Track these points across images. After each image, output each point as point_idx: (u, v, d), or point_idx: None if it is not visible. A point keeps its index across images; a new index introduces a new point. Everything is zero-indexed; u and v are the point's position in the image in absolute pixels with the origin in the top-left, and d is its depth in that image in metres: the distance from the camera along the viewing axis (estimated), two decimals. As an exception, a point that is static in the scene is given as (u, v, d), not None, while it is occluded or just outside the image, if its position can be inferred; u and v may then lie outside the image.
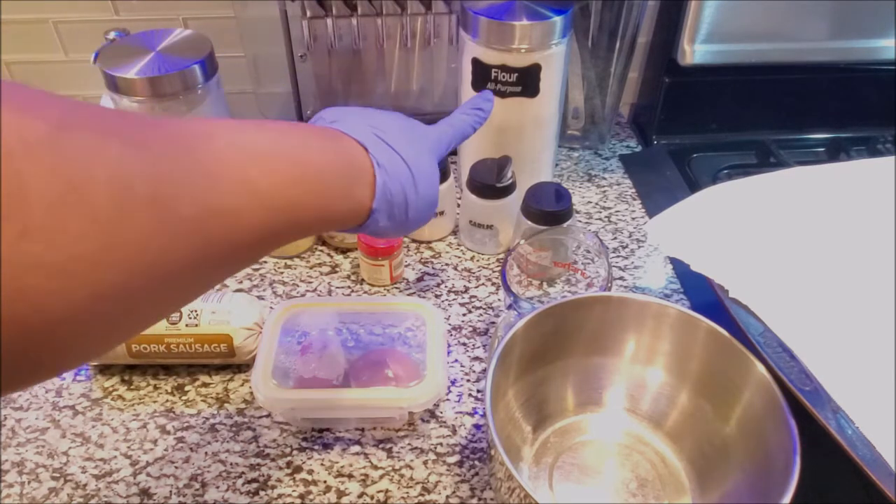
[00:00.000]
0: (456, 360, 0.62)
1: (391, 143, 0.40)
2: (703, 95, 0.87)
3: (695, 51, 0.81)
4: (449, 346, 0.63)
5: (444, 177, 0.70)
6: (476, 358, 0.62)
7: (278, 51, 0.76)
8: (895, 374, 0.45)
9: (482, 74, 0.67)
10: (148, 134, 0.26)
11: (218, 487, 0.52)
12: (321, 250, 0.73)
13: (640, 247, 0.74)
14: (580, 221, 0.77)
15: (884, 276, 0.51)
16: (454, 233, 0.75)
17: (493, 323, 0.65)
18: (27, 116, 0.21)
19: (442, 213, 0.72)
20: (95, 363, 0.60)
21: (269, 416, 0.57)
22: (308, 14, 0.74)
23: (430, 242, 0.74)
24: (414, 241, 0.74)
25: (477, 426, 0.57)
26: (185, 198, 0.26)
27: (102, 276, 0.23)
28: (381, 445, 0.55)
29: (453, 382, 0.60)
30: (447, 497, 0.52)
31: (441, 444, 0.55)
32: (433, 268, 0.71)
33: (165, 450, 0.55)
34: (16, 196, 0.20)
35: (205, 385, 0.60)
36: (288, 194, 0.33)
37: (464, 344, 0.63)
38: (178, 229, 0.26)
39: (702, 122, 0.89)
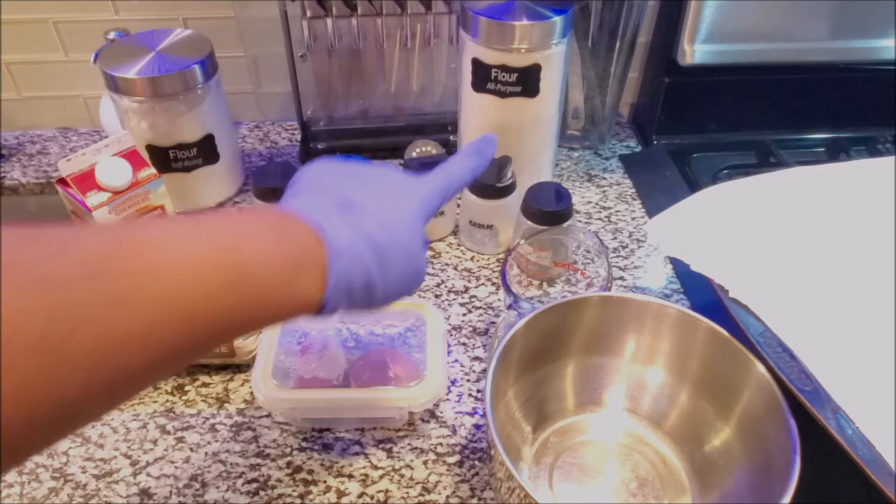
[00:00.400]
0: (456, 360, 0.62)
1: (361, 218, 0.36)
2: (702, 95, 0.87)
3: (695, 51, 0.81)
4: (449, 346, 0.63)
5: None
6: (476, 358, 0.62)
7: (278, 51, 0.76)
8: (895, 374, 0.45)
9: (482, 74, 0.67)
10: (55, 262, 0.26)
11: (218, 487, 0.52)
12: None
13: (640, 247, 0.74)
14: (580, 221, 0.77)
15: (884, 276, 0.51)
16: (454, 233, 0.75)
17: (493, 323, 0.65)
18: None
19: (442, 213, 0.72)
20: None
21: (269, 416, 0.57)
22: (308, 14, 0.74)
23: (430, 242, 0.74)
24: (414, 241, 0.74)
25: (477, 426, 0.57)
26: (84, 330, 0.25)
27: None
28: (381, 445, 0.55)
29: (453, 382, 0.60)
30: (447, 497, 0.52)
31: (441, 444, 0.55)
32: (433, 268, 0.71)
33: (165, 450, 0.55)
34: None
35: (205, 385, 0.60)
36: (214, 304, 0.30)
37: (464, 344, 0.63)
38: (70, 365, 0.25)
39: (701, 122, 0.89)
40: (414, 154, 0.70)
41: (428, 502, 0.52)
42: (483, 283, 0.69)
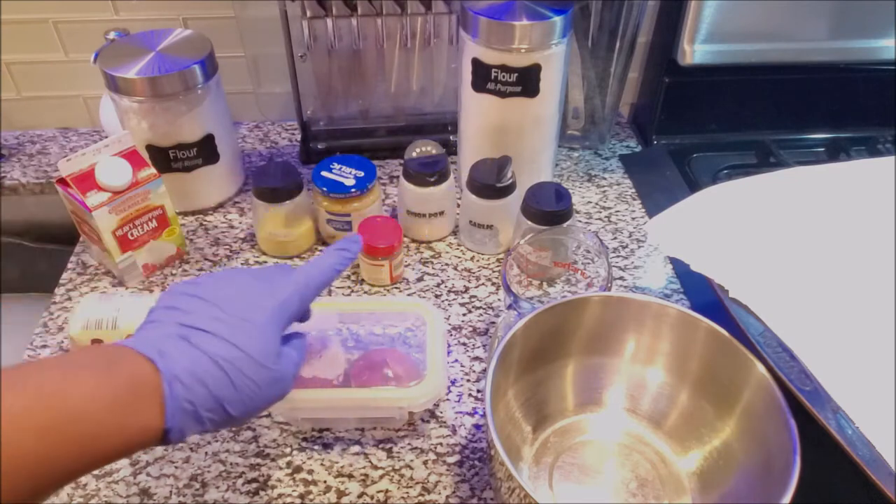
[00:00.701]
0: (456, 360, 0.62)
1: (206, 342, 0.37)
2: (702, 95, 0.87)
3: (695, 51, 0.81)
4: (449, 346, 0.63)
5: (443, 178, 0.70)
6: (476, 358, 0.62)
7: (278, 51, 0.76)
8: (895, 374, 0.45)
9: (482, 74, 0.67)
10: None
11: (218, 487, 0.52)
12: (321, 251, 0.73)
13: (640, 247, 0.74)
14: (580, 221, 0.77)
15: (884, 276, 0.51)
16: (454, 233, 0.75)
17: (493, 323, 0.65)
18: None
19: (442, 213, 0.72)
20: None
21: (269, 416, 0.57)
22: (308, 14, 0.74)
23: (430, 242, 0.74)
24: (414, 241, 0.74)
25: (477, 426, 0.57)
26: None
27: None
28: (381, 445, 0.55)
29: (453, 382, 0.60)
30: (447, 497, 0.52)
31: (441, 444, 0.55)
32: (433, 268, 0.71)
33: (165, 450, 0.55)
34: None
35: (205, 385, 0.60)
36: (34, 450, 0.31)
37: (464, 344, 0.63)
38: None
39: (701, 122, 0.89)
40: (414, 154, 0.70)
41: (428, 502, 0.52)
42: (483, 283, 0.69)
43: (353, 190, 0.68)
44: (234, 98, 0.80)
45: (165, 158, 0.70)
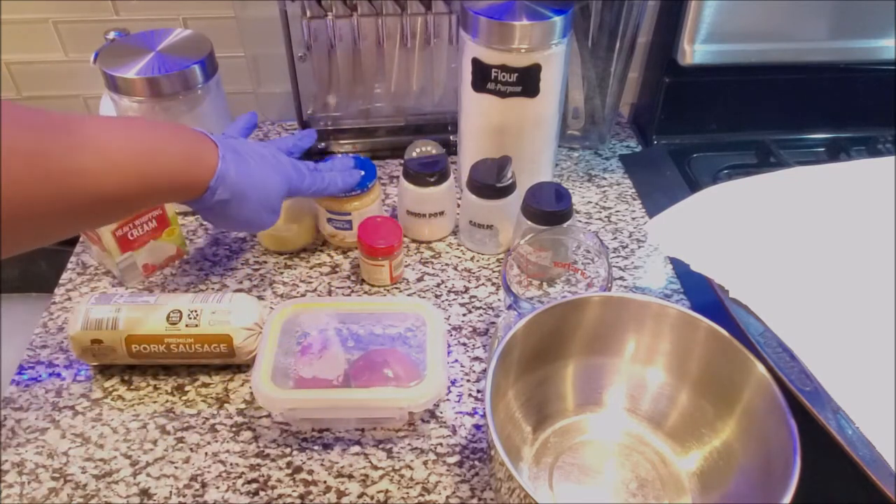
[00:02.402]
0: (456, 360, 0.62)
1: (245, 161, 0.54)
2: (703, 95, 0.87)
3: (695, 51, 0.81)
4: (449, 346, 0.63)
5: (443, 178, 0.70)
6: (476, 358, 0.62)
7: (278, 51, 0.76)
8: (895, 374, 0.45)
9: (482, 74, 0.67)
10: (38, 120, 0.40)
11: (218, 488, 0.52)
12: (321, 250, 0.73)
13: (640, 247, 0.74)
14: (580, 221, 0.77)
15: (884, 276, 0.51)
16: (454, 233, 0.75)
17: (493, 323, 0.65)
18: None
19: (442, 213, 0.72)
20: (95, 363, 0.60)
21: (269, 416, 0.57)
22: (308, 14, 0.74)
23: (430, 242, 0.74)
24: (414, 241, 0.74)
25: (477, 426, 0.57)
26: (53, 158, 0.40)
27: None
28: (381, 446, 0.55)
29: (453, 382, 0.60)
30: (447, 497, 0.52)
31: (441, 444, 0.55)
32: (433, 268, 0.71)
33: (165, 450, 0.55)
34: None
35: (205, 385, 0.60)
36: (138, 162, 0.45)
37: (464, 344, 0.63)
38: (44, 179, 0.39)
39: (702, 122, 0.89)
40: (414, 154, 0.70)
41: (428, 502, 0.52)
42: (483, 284, 0.69)
43: (353, 189, 0.68)
44: (234, 98, 0.80)
45: (165, 158, 0.70)
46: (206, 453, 0.55)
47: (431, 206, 0.71)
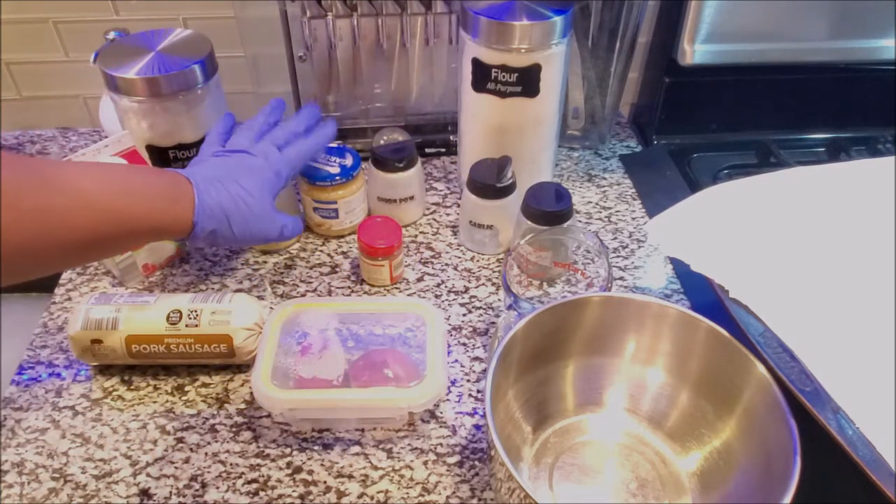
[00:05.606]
0: (456, 360, 0.62)
1: (226, 185, 0.55)
2: (703, 95, 0.87)
3: (695, 51, 0.81)
4: (449, 346, 0.63)
5: (410, 164, 0.71)
6: (476, 358, 0.62)
7: (278, 51, 0.76)
8: (895, 374, 0.45)
9: (482, 74, 0.67)
10: (13, 160, 0.41)
11: (218, 488, 0.52)
12: (321, 251, 0.73)
13: (640, 247, 0.74)
14: (580, 221, 0.77)
15: (884, 276, 0.51)
16: (454, 233, 0.75)
17: (493, 323, 0.65)
18: None
19: (412, 197, 0.74)
20: (95, 363, 0.60)
21: (269, 416, 0.57)
22: (308, 14, 0.74)
23: (406, 226, 0.75)
24: (414, 241, 0.74)
25: (477, 426, 0.57)
26: (26, 197, 0.41)
27: None
28: (381, 446, 0.55)
29: (453, 382, 0.60)
30: (447, 497, 0.52)
31: (441, 444, 0.55)
32: (433, 268, 0.71)
33: (165, 450, 0.55)
34: None
35: (205, 385, 0.60)
36: (116, 203, 0.46)
37: (464, 344, 0.63)
38: (16, 216, 0.40)
39: (702, 122, 0.89)
40: (382, 142, 0.72)
41: (428, 503, 0.52)
42: (483, 284, 0.69)
43: (337, 178, 0.69)
44: (234, 98, 0.80)
45: (165, 158, 0.70)
46: (206, 453, 0.55)
47: (401, 192, 0.73)
